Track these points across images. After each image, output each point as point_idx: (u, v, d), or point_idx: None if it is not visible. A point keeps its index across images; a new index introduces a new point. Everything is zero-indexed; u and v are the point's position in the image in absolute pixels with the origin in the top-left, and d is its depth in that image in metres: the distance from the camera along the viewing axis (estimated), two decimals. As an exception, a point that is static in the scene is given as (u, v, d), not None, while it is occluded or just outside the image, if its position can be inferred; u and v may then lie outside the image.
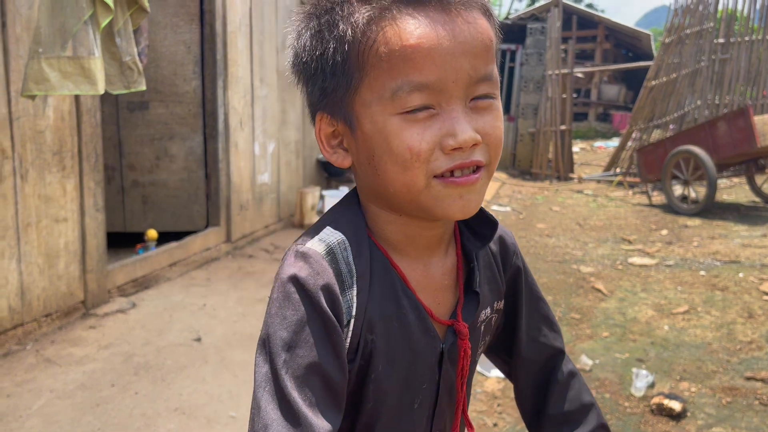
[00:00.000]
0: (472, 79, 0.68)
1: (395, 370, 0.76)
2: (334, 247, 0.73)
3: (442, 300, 0.81)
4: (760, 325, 3.72)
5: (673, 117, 9.69)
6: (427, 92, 0.67)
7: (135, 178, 5.36)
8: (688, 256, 5.34)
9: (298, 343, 0.67)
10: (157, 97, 5.27)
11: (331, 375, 0.68)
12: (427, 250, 0.79)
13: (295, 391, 0.66)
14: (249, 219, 5.87)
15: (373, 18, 0.67)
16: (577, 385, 0.91)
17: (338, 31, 0.69)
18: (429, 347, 0.78)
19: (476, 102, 0.70)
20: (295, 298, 0.69)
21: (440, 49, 0.66)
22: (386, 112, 0.68)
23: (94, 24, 2.64)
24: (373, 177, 0.73)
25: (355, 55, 0.68)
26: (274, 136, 6.34)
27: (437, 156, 0.68)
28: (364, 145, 0.72)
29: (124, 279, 4.26)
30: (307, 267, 0.70)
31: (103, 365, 3.24)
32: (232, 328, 3.80)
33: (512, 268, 0.90)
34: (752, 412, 2.77)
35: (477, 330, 0.84)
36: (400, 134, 0.68)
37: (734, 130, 6.56)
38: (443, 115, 0.68)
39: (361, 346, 0.73)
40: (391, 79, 0.67)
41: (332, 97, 0.72)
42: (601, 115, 21.77)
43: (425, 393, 0.80)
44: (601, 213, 7.62)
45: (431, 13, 0.67)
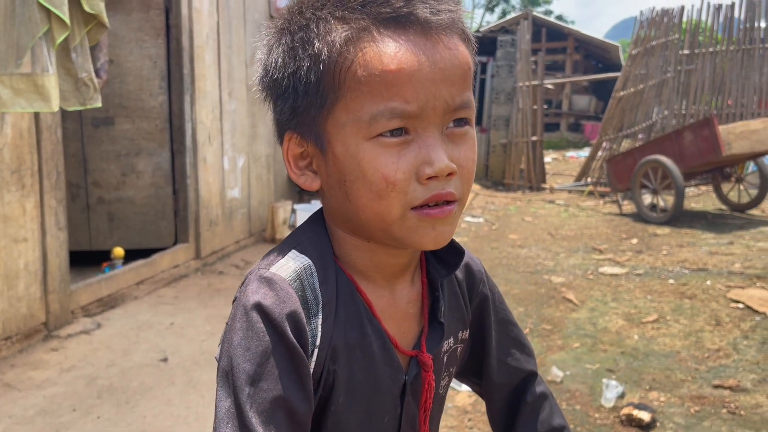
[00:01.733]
0: (449, 107, 0.67)
1: (356, 403, 0.73)
2: (300, 273, 0.70)
3: (407, 329, 0.78)
4: (727, 332, 3.75)
5: (642, 127, 9.83)
6: (405, 118, 0.65)
7: (101, 195, 5.26)
8: (657, 264, 5.39)
9: (263, 376, 0.64)
10: (123, 113, 5.19)
11: (297, 408, 0.65)
12: (394, 278, 0.77)
13: (260, 427, 0.63)
14: (219, 235, 5.80)
15: (351, 38, 0.65)
16: (548, 407, 0.90)
17: (313, 50, 0.66)
18: (392, 378, 0.75)
19: (452, 129, 0.68)
20: (259, 327, 0.65)
21: (421, 74, 0.64)
22: (360, 136, 0.66)
23: (49, 40, 2.59)
24: (343, 202, 0.70)
25: (331, 76, 0.66)
26: (244, 151, 6.28)
27: (414, 187, 0.66)
28: (335, 168, 0.69)
29: (88, 299, 4.16)
30: (272, 294, 0.67)
31: (64, 389, 3.15)
32: (200, 347, 3.73)
33: (479, 296, 0.88)
34: (720, 421, 2.78)
35: (440, 360, 0.81)
36: (374, 161, 0.65)
37: (700, 139, 6.67)
38: (419, 141, 0.66)
39: (323, 377, 0.70)
40: (371, 104, 0.65)
41: (303, 116, 0.69)
42: (573, 125, 22.05)
43: (386, 427, 0.76)
44: (572, 223, 7.68)
45: (412, 36, 0.65)
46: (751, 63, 9.58)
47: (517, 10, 30.45)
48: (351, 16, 0.65)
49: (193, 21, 5.19)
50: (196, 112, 5.32)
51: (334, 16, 0.66)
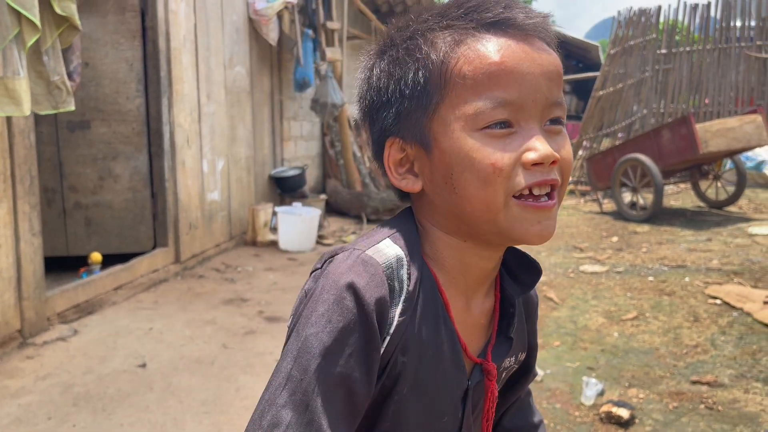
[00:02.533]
0: (548, 101, 0.71)
1: (419, 397, 0.75)
2: (393, 261, 0.72)
3: (475, 338, 0.80)
4: (705, 328, 3.79)
5: (621, 126, 9.91)
6: (509, 109, 0.69)
7: (77, 200, 5.19)
8: (637, 262, 5.43)
9: (338, 352, 0.66)
10: (99, 116, 5.13)
11: (358, 390, 0.68)
12: (475, 284, 0.79)
13: (319, 399, 0.65)
14: (199, 238, 5.75)
15: (456, 40, 0.70)
16: (530, 404, 0.98)
17: (421, 54, 0.71)
18: (457, 381, 0.77)
19: (550, 126, 0.72)
20: (346, 304, 0.67)
21: (522, 68, 0.69)
22: (467, 129, 0.70)
23: (20, 43, 2.54)
24: (449, 196, 0.72)
25: (437, 76, 0.70)
26: (223, 153, 6.24)
27: (518, 172, 0.69)
28: (441, 164, 0.72)
29: (65, 305, 4.10)
30: (366, 276, 0.69)
31: (40, 397, 3.10)
32: (179, 352, 3.69)
33: (531, 320, 0.92)
34: (698, 416, 2.80)
35: (500, 375, 0.84)
36: (482, 150, 0.69)
37: (677, 137, 6.73)
38: (522, 133, 0.70)
39: (390, 365, 0.72)
40: (475, 96, 0.69)
41: (407, 119, 0.73)
42: (554, 125, 22.16)
43: (446, 427, 0.79)
44: (553, 222, 7.71)
45: (513, 35, 0.70)
46: (727, 62, 9.70)
47: (497, 11, 30.48)
48: (455, 23, 0.71)
49: (169, 23, 5.14)
50: (174, 115, 5.27)
51: (439, 26, 0.72)
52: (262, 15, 6.77)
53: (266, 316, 4.37)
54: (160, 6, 5.05)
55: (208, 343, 3.84)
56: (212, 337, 3.94)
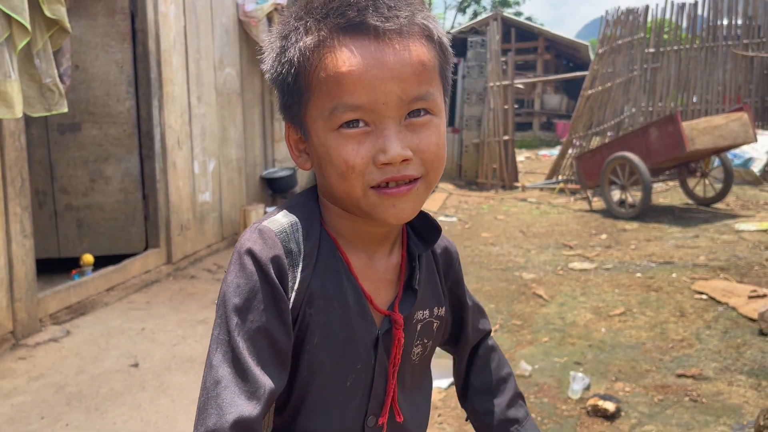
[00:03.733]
0: (402, 101, 0.76)
1: (330, 344, 0.82)
2: (287, 227, 0.81)
3: (383, 292, 0.88)
4: (690, 323, 3.85)
5: (610, 124, 9.99)
6: (360, 112, 0.75)
7: (68, 202, 5.20)
8: (625, 259, 5.49)
9: (250, 309, 0.75)
10: (90, 119, 5.14)
11: (278, 338, 0.76)
12: (373, 245, 0.87)
13: (245, 351, 0.74)
14: (190, 239, 5.77)
15: (316, 45, 0.76)
16: (496, 358, 1.05)
17: (290, 55, 0.78)
18: (365, 330, 0.85)
19: (411, 119, 0.77)
20: (248, 268, 0.77)
21: (370, 74, 0.74)
22: (327, 128, 0.77)
23: (11, 46, 2.57)
24: (323, 181, 0.83)
25: (302, 77, 0.78)
26: (214, 155, 6.26)
27: (371, 170, 0.76)
28: (314, 153, 0.82)
29: (57, 306, 4.12)
30: (261, 241, 0.79)
31: (32, 397, 3.12)
32: (171, 352, 3.72)
33: (455, 275, 1.00)
34: (683, 409, 2.85)
35: (412, 326, 0.90)
36: (338, 149, 0.77)
37: (665, 135, 6.80)
38: (377, 133, 0.76)
39: (300, 317, 0.80)
40: (329, 100, 0.76)
41: (290, 110, 0.83)
42: (545, 124, 22.28)
43: (360, 373, 0.85)
44: (543, 220, 7.77)
45: (365, 41, 0.75)
46: (714, 60, 9.80)
47: (488, 11, 30.68)
48: (316, 26, 0.77)
49: (159, 25, 5.16)
50: (165, 117, 5.29)
51: (305, 26, 0.78)
52: (251, 17, 6.79)
53: (258, 315, 4.40)
54: (150, 8, 5.08)
55: (200, 343, 3.86)
56: (204, 337, 3.97)
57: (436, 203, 9.26)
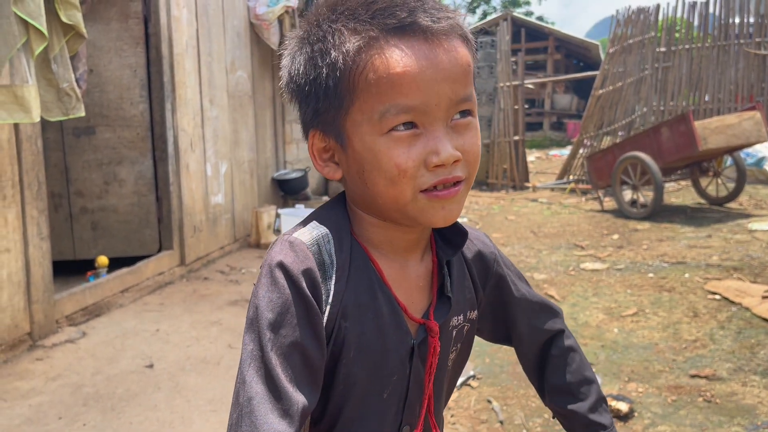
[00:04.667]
0: (452, 102, 0.76)
1: (365, 358, 0.81)
2: (319, 239, 0.80)
3: (416, 300, 0.87)
4: (704, 323, 3.83)
5: (621, 124, 9.95)
6: (413, 114, 0.74)
7: (83, 205, 5.26)
8: (637, 259, 5.47)
9: (283, 324, 0.74)
10: (104, 122, 5.20)
11: (311, 353, 0.75)
12: (405, 252, 0.86)
13: (279, 368, 0.72)
14: (203, 241, 5.81)
15: (362, 47, 0.74)
16: (576, 360, 1.01)
17: (330, 59, 0.75)
18: (400, 340, 0.83)
19: (456, 121, 0.77)
20: (280, 282, 0.75)
21: (423, 76, 0.73)
22: (375, 132, 0.75)
23: (28, 51, 2.61)
24: (362, 188, 0.80)
25: (346, 81, 0.75)
26: (226, 157, 6.30)
27: (422, 173, 0.75)
28: (354, 160, 0.78)
29: (73, 308, 4.17)
30: (292, 254, 0.77)
31: (50, 398, 3.16)
32: (185, 353, 3.75)
33: (495, 277, 0.98)
34: (696, 409, 2.85)
35: (448, 333, 0.90)
36: (388, 153, 0.75)
37: (677, 135, 6.77)
38: (427, 135, 0.75)
39: (334, 332, 0.79)
40: (379, 103, 0.74)
41: (324, 116, 0.79)
42: (555, 124, 22.22)
43: (396, 385, 0.84)
44: (554, 220, 7.76)
45: (415, 42, 0.73)
46: (726, 59, 9.74)
47: (497, 11, 30.63)
48: (362, 27, 0.74)
49: (172, 29, 5.21)
50: (178, 120, 5.33)
51: (347, 28, 0.75)
52: (263, 19, 6.84)
53: (271, 316, 4.43)
54: (163, 12, 5.12)
55: (214, 344, 3.90)
56: (218, 338, 4.00)
57: (447, 204, 9.25)
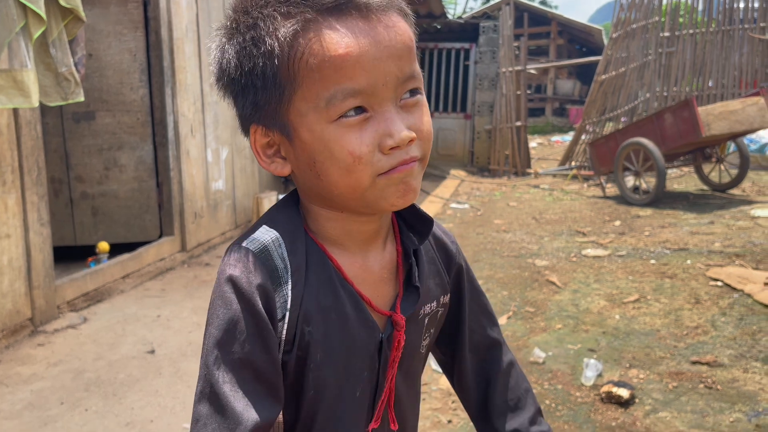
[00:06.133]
0: (399, 80, 0.71)
1: (333, 360, 0.78)
2: (269, 245, 0.75)
3: (382, 292, 0.83)
4: (705, 310, 3.83)
5: (624, 110, 9.89)
6: (360, 97, 0.70)
7: (84, 190, 5.25)
8: (639, 245, 5.46)
9: (230, 341, 0.70)
10: (104, 107, 5.17)
11: (263, 368, 0.71)
12: (365, 244, 0.82)
13: (226, 385, 0.69)
14: (204, 227, 5.81)
15: (298, 31, 0.69)
16: (515, 374, 0.96)
17: (266, 47, 0.70)
18: (367, 337, 0.80)
19: (406, 100, 0.73)
20: (228, 297, 0.71)
21: (367, 56, 0.69)
22: (323, 120, 0.70)
23: (27, 35, 2.58)
24: (315, 181, 0.75)
25: (285, 69, 0.70)
26: (227, 143, 6.28)
27: (378, 157, 0.71)
28: (303, 153, 0.74)
29: (74, 294, 4.17)
30: (241, 266, 0.73)
31: (52, 383, 3.17)
32: (186, 339, 3.76)
33: (455, 266, 0.93)
34: (697, 395, 2.85)
35: (420, 322, 0.86)
36: (340, 141, 0.70)
37: (680, 121, 6.73)
38: (377, 117, 0.71)
39: (297, 338, 0.75)
40: (324, 89, 0.69)
41: (265, 109, 0.73)
42: (558, 110, 22.13)
43: (366, 381, 0.82)
44: (556, 207, 7.74)
45: (353, 21, 0.69)
46: (731, 44, 9.66)
47: (500, -4, 30.35)
48: (295, 10, 0.69)
49: (171, 13, 5.17)
50: (178, 105, 5.30)
51: (279, 12, 0.69)
52: (263, 3, 6.78)
53: (272, 302, 4.43)
54: (162, -4, 5.08)
55: (216, 330, 3.90)
56: (219, 324, 4.00)
57: (448, 190, 9.24)
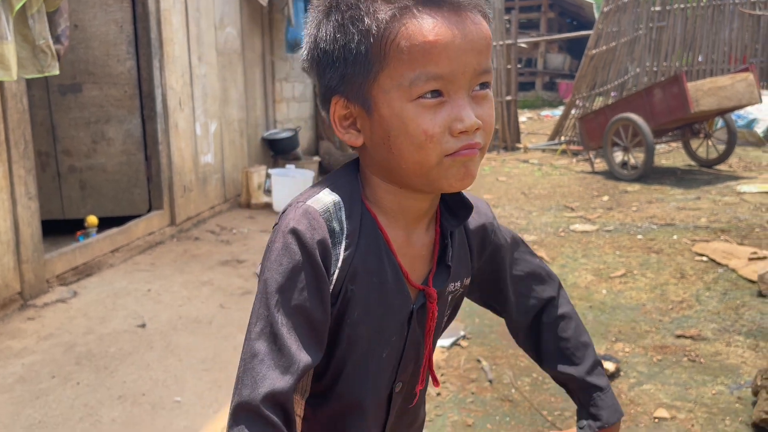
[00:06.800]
0: (476, 72, 0.79)
1: (369, 319, 0.86)
2: (330, 207, 0.83)
3: (418, 267, 0.91)
4: (690, 284, 3.89)
5: (614, 84, 9.89)
6: (441, 82, 0.77)
7: (71, 164, 5.20)
8: (627, 220, 5.51)
9: (291, 288, 0.78)
10: (90, 79, 5.10)
11: (316, 316, 0.79)
12: (413, 221, 0.89)
13: (284, 328, 0.77)
14: (193, 201, 5.79)
15: (395, 15, 0.76)
16: (573, 325, 1.05)
17: (363, 25, 0.77)
18: (401, 304, 0.88)
19: (477, 92, 0.80)
20: (292, 248, 0.79)
21: (453, 45, 0.76)
22: (403, 98, 0.78)
23: (7, 7, 2.54)
24: (386, 154, 0.82)
25: (378, 47, 0.77)
26: (216, 116, 6.23)
27: (447, 138, 0.78)
28: (380, 127, 0.81)
29: (63, 267, 4.16)
30: (305, 222, 0.80)
31: (42, 357, 3.18)
32: (177, 312, 3.77)
33: (491, 246, 1.02)
34: (681, 368, 2.91)
35: (444, 298, 0.95)
36: (416, 119, 0.77)
37: (669, 96, 6.74)
38: (451, 103, 0.78)
39: (341, 293, 0.83)
40: (410, 70, 0.76)
41: (351, 83, 0.81)
42: (548, 84, 22.05)
43: (393, 345, 0.90)
44: (545, 181, 7.77)
45: (445, 13, 0.77)
46: (721, 19, 9.64)
47: (491, -32, 30.01)
48: None
49: (158, -17, 5.08)
50: (166, 78, 5.24)
51: None
52: (252, -26, 6.67)
53: (262, 276, 4.44)
54: (149, -34, 4.99)
55: (206, 304, 3.92)
56: (209, 298, 4.02)
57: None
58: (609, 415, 1.00)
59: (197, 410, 2.69)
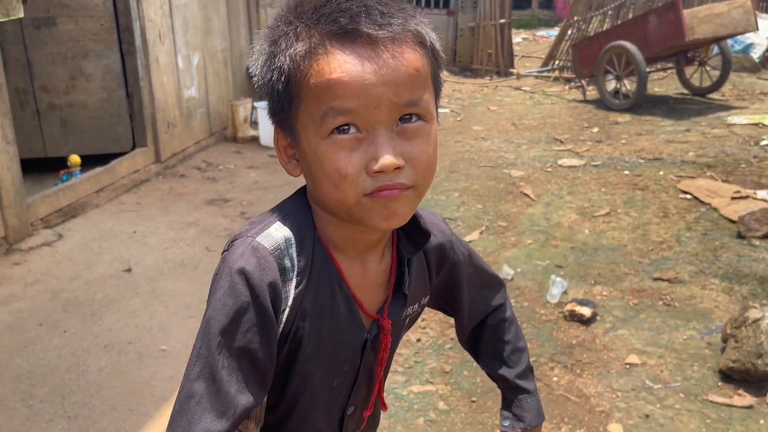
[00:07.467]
0: (395, 105, 0.74)
1: (321, 354, 0.86)
2: (281, 244, 0.80)
3: (373, 296, 0.90)
4: (672, 224, 3.91)
5: (612, 6, 9.59)
6: (351, 115, 0.74)
7: (50, 101, 5.09)
8: (615, 154, 5.49)
9: (234, 330, 0.76)
10: (64, 12, 4.92)
11: (259, 357, 0.78)
12: (365, 252, 0.88)
13: (224, 370, 0.75)
14: (178, 136, 5.71)
15: (309, 52, 0.75)
16: (513, 330, 1.10)
17: (278, 63, 0.77)
18: (354, 336, 0.88)
19: (403, 126, 0.76)
20: (238, 288, 0.76)
21: (361, 81, 0.73)
22: (318, 135, 0.75)
23: (-34, -50, 2.41)
24: (314, 188, 0.82)
25: (293, 84, 0.76)
26: (198, 47, 6.05)
27: (364, 178, 0.75)
28: (304, 161, 0.80)
29: (47, 210, 4.15)
30: (254, 261, 0.78)
31: (30, 304, 3.22)
32: (163, 256, 3.80)
33: (449, 263, 1.02)
34: (656, 313, 2.98)
35: (401, 322, 0.95)
36: (330, 156, 0.75)
37: (665, 23, 6.57)
38: (369, 139, 0.75)
39: (292, 331, 0.82)
40: (319, 106, 0.74)
41: (280, 116, 0.81)
42: (544, 2, 21.41)
43: (345, 373, 0.90)
44: (536, 111, 7.68)
45: (359, 48, 0.73)
46: (724, -64, 9.25)
47: None
48: (309, 32, 0.75)
49: None
50: (144, 9, 5.06)
51: (296, 32, 0.76)
52: None
53: (248, 217, 4.45)
54: None
55: (192, 246, 3.94)
56: (195, 240, 4.04)
57: (429, 92, 9.08)
58: (532, 417, 1.06)
59: (182, 359, 2.75)
